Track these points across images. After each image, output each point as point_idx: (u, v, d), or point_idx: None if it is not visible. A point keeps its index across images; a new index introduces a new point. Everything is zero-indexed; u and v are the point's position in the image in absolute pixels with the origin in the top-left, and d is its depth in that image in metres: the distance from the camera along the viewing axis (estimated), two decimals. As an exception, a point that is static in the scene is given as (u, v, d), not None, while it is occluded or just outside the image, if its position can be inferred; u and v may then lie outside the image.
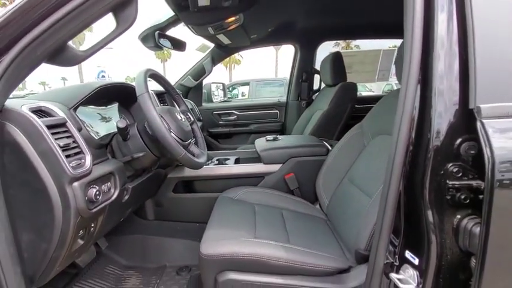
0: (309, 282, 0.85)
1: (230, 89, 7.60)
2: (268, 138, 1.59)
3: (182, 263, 1.37)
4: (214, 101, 2.79)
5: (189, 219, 1.46)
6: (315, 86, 2.49)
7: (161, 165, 1.28)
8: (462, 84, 0.57)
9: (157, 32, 1.39)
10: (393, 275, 0.65)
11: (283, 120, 2.57)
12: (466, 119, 0.56)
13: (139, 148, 0.97)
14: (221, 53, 2.26)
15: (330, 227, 1.19)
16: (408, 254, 0.65)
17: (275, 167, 1.45)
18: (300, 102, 2.45)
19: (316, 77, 2.42)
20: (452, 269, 0.59)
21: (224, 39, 1.92)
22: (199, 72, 2.29)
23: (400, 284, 0.63)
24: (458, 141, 0.57)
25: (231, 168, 1.46)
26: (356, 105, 2.03)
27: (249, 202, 1.28)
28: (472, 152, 0.56)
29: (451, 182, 0.57)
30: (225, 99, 2.93)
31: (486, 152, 0.51)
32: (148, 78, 1.02)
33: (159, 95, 1.41)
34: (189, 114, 1.23)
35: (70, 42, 0.76)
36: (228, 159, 1.64)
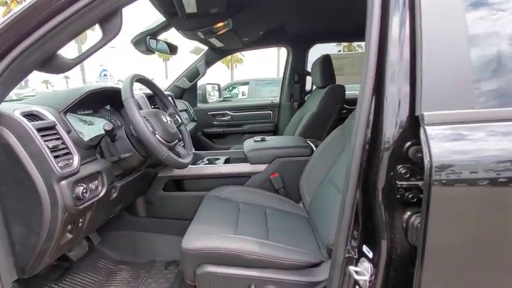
0: (281, 275, 0.90)
1: (230, 88, 7.64)
2: (256, 139, 1.65)
3: (171, 258, 1.43)
4: (210, 101, 2.86)
5: (179, 216, 1.52)
6: (307, 88, 2.55)
7: (151, 164, 1.34)
8: (411, 93, 0.62)
9: (149, 36, 1.45)
10: (351, 267, 0.70)
11: (276, 121, 2.62)
12: (414, 125, 0.61)
13: (127, 149, 1.03)
14: (214, 56, 2.32)
15: (311, 224, 1.24)
16: (365, 248, 0.70)
17: (261, 167, 1.51)
18: (292, 103, 2.51)
19: (309, 79, 2.47)
20: (402, 262, 0.65)
21: (216, 43, 1.98)
22: (194, 74, 2.35)
23: (355, 276, 0.68)
24: (407, 145, 0.62)
25: (219, 167, 1.52)
26: (347, 106, 2.08)
27: (235, 200, 1.34)
28: (419, 155, 0.61)
29: (400, 183, 0.62)
30: (221, 99, 2.99)
31: (425, 155, 0.57)
32: (136, 83, 1.09)
33: (150, 97, 1.48)
34: (176, 116, 1.29)
35: (59, 51, 0.82)
36: (218, 159, 1.70)
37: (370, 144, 0.66)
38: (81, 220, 0.92)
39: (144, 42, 1.45)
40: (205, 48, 2.26)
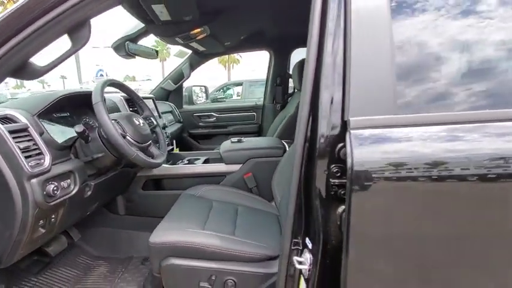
0: (240, 267, 0.97)
1: (224, 89, 7.73)
2: (233, 140, 1.71)
3: (148, 254, 1.49)
4: (198, 102, 2.92)
5: (157, 214, 1.58)
6: (291, 90, 2.62)
7: (129, 164, 1.40)
8: (342, 98, 0.69)
9: (127, 42, 1.52)
10: (295, 258, 0.77)
11: (260, 122, 2.70)
12: (343, 129, 0.68)
13: (100, 149, 1.10)
14: (198, 59, 2.38)
15: (280, 221, 1.31)
16: (307, 241, 0.78)
17: (236, 167, 1.58)
18: (275, 105, 2.58)
19: (292, 81, 2.55)
20: (337, 252, 0.72)
21: (198, 47, 2.05)
22: (179, 77, 2.42)
23: (297, 265, 0.75)
24: (339, 146, 0.69)
25: (195, 167, 1.59)
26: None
27: (209, 198, 1.40)
28: None
29: (333, 180, 0.69)
30: (208, 101, 3.06)
31: (349, 155, 0.64)
32: (110, 87, 1.15)
33: (129, 100, 1.54)
34: (152, 119, 1.36)
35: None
36: (198, 159, 1.77)
37: (309, 144, 0.73)
38: (53, 216, 0.98)
39: (124, 46, 1.52)
40: (189, 51, 2.33)
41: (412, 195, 0.63)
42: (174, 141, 2.24)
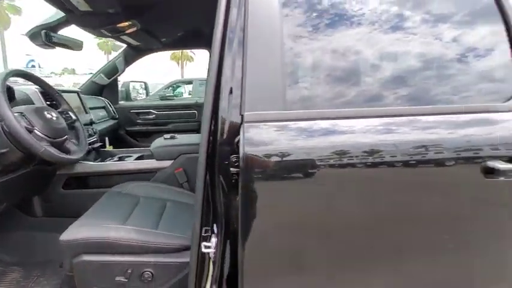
0: (157, 258, 0.99)
1: (174, 87, 7.54)
2: (165, 137, 1.71)
3: None
4: (138, 98, 2.81)
5: (81, 214, 1.51)
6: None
7: (44, 161, 1.31)
8: (241, 95, 0.76)
9: (44, 31, 1.41)
10: (203, 243, 0.82)
11: (201, 120, 2.70)
12: (241, 123, 0.75)
13: (3, 144, 1.02)
14: (133, 54, 2.30)
15: None
16: (215, 227, 0.83)
17: (167, 163, 1.58)
18: (216, 103, 2.61)
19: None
20: (236, 235, 0.79)
21: (131, 41, 1.99)
22: (112, 71, 2.31)
23: (204, 249, 0.81)
24: (237, 139, 0.76)
25: (123, 164, 1.55)
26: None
27: (136, 195, 1.38)
28: None
29: (232, 169, 0.76)
30: (147, 97, 2.97)
31: (241, 146, 0.71)
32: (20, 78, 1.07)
33: (45, 93, 1.44)
34: (70, 113, 1.29)
35: None
36: (131, 156, 1.73)
37: (213, 138, 0.79)
38: None
39: (40, 36, 1.41)
40: (124, 45, 2.24)
41: (296, 183, 0.72)
42: (107, 138, 2.14)
